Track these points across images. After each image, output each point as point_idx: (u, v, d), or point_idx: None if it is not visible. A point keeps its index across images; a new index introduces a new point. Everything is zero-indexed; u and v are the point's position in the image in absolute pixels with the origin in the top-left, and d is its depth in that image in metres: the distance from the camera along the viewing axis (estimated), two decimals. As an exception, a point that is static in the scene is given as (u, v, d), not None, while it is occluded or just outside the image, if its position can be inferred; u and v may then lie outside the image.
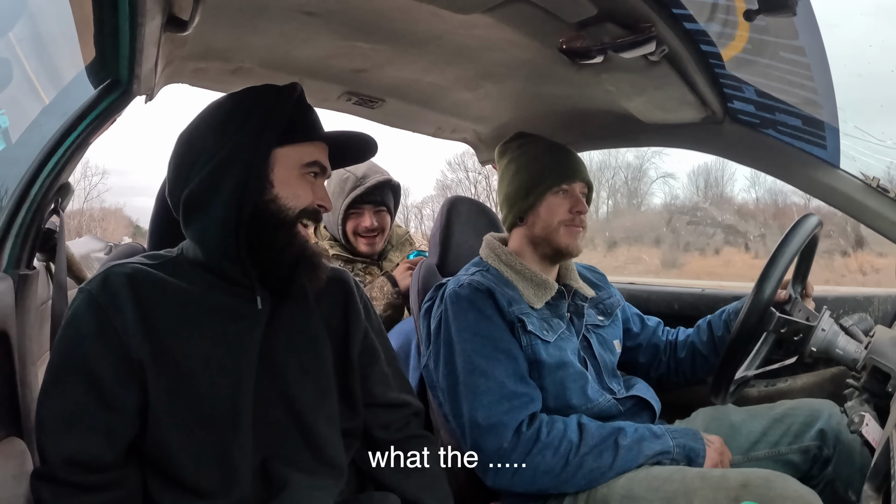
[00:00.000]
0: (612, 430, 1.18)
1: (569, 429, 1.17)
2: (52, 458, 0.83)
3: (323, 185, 1.01)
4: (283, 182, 0.95)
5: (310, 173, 0.97)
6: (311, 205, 0.97)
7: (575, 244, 1.35)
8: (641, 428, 1.19)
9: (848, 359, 1.14)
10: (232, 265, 0.94)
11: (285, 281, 0.97)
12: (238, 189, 0.91)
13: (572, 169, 1.37)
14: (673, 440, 1.17)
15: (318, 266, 0.98)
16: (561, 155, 1.40)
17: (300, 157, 0.96)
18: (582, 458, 1.14)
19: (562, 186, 1.35)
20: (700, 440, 1.18)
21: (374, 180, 1.83)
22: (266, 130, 0.93)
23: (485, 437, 1.16)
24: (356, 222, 1.85)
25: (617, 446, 1.14)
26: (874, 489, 0.86)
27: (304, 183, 0.97)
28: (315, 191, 0.98)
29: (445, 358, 1.26)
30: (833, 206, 1.39)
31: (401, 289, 1.78)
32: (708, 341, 1.43)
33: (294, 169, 0.96)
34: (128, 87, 1.11)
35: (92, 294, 0.88)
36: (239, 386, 0.90)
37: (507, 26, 1.16)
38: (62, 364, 0.87)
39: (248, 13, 1.20)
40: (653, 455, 1.15)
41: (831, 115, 1.29)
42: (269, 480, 0.91)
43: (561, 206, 1.35)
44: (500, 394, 1.18)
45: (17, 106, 1.26)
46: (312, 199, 0.97)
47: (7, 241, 1.05)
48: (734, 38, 1.18)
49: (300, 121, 0.97)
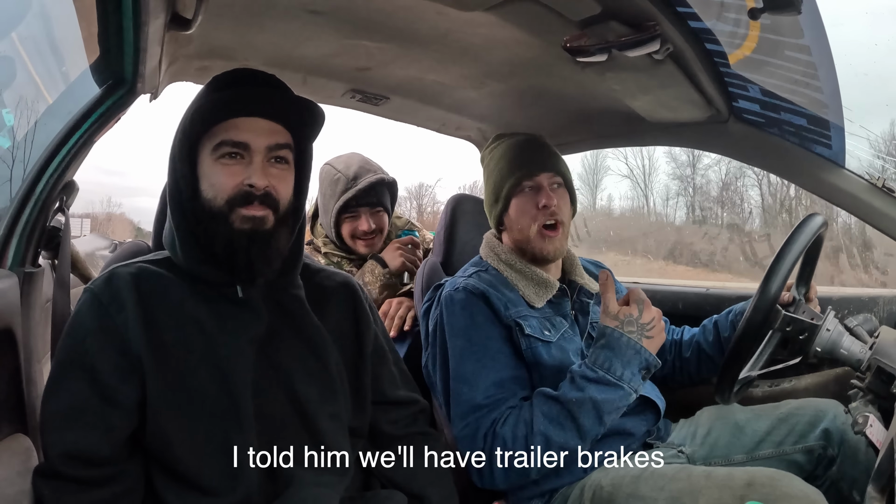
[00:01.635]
0: (552, 394, 1.13)
1: (522, 410, 1.14)
2: (54, 454, 0.84)
3: (253, 163, 0.93)
4: (203, 176, 0.94)
5: (224, 156, 0.93)
6: (235, 190, 0.92)
7: (551, 248, 1.30)
8: (575, 371, 1.14)
9: (852, 359, 1.14)
10: (200, 266, 0.95)
11: (230, 267, 0.94)
12: (173, 194, 0.94)
13: (535, 162, 1.32)
14: (620, 382, 1.11)
15: (249, 251, 0.93)
16: (523, 151, 1.35)
17: (210, 143, 0.94)
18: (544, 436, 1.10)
19: (525, 184, 1.31)
20: (626, 342, 1.13)
21: (367, 181, 1.72)
22: (181, 127, 0.94)
23: (462, 443, 1.16)
24: (353, 226, 1.76)
25: (566, 396, 1.10)
26: (878, 490, 0.86)
27: (219, 168, 0.93)
28: (234, 172, 0.93)
29: (440, 360, 1.26)
30: (838, 206, 1.38)
31: (391, 269, 1.73)
32: (714, 342, 1.42)
33: (207, 158, 0.94)
34: (132, 85, 1.12)
35: (95, 293, 0.90)
36: (236, 380, 0.91)
37: (511, 24, 1.16)
38: (64, 361, 0.88)
39: (251, 11, 1.21)
40: (614, 409, 1.11)
41: (836, 115, 1.28)
42: (275, 477, 0.91)
43: (528, 205, 1.30)
44: (473, 403, 1.17)
45: (21, 104, 1.26)
46: (234, 182, 0.92)
47: (12, 239, 1.06)
48: (746, 39, 1.17)
49: (210, 104, 0.93)
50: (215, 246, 0.93)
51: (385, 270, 1.73)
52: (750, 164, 1.54)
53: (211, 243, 0.93)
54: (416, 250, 1.78)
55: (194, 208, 0.93)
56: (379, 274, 1.73)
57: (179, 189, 0.94)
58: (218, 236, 0.92)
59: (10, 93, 1.23)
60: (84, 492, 0.84)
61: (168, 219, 0.97)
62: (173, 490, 0.89)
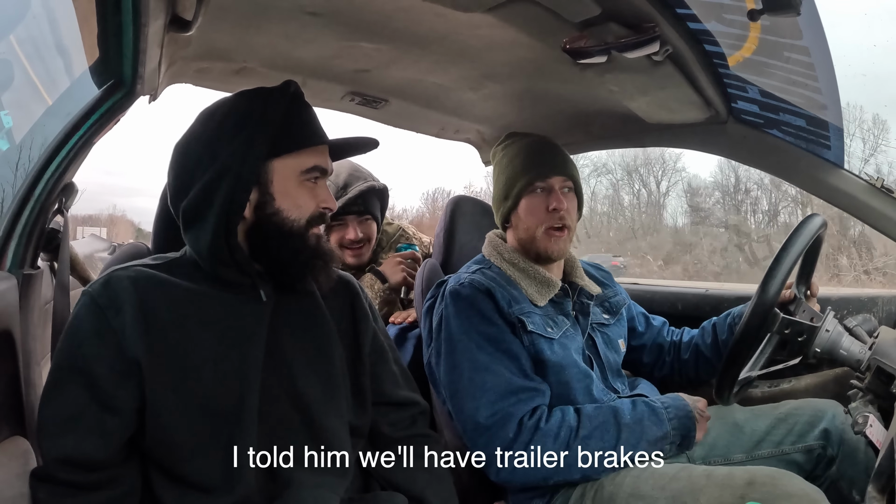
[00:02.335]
0: (610, 409, 1.17)
1: (567, 415, 1.16)
2: (50, 458, 0.84)
3: (325, 185, 1.01)
4: (283, 193, 0.96)
5: (310, 179, 0.98)
6: (315, 211, 0.98)
7: (556, 248, 1.32)
8: (640, 405, 1.19)
9: (852, 360, 1.14)
10: (227, 269, 0.95)
11: (295, 278, 0.99)
12: (227, 202, 0.92)
13: (548, 164, 1.34)
14: (669, 422, 1.17)
15: (327, 266, 1.00)
16: (537, 152, 1.37)
17: (298, 165, 0.97)
18: (583, 442, 1.13)
19: (537, 185, 1.33)
20: (692, 418, 1.18)
21: (357, 189, 1.70)
22: (255, 142, 0.93)
23: (490, 431, 1.15)
24: (340, 234, 1.72)
25: (619, 425, 1.14)
26: (878, 490, 0.86)
27: (304, 190, 0.98)
28: (317, 194, 0.99)
29: (447, 355, 1.25)
30: (837, 207, 1.38)
31: (391, 284, 1.70)
32: (712, 344, 1.43)
33: (292, 178, 0.97)
34: (131, 87, 1.12)
35: (93, 296, 0.89)
36: (245, 380, 0.91)
37: (510, 26, 1.16)
38: (62, 365, 0.88)
39: (251, 13, 1.20)
40: (654, 440, 1.15)
41: (835, 115, 1.28)
42: (275, 477, 0.91)
43: (538, 206, 1.32)
44: (506, 389, 1.17)
45: (19, 107, 1.26)
46: (315, 204, 0.98)
47: (11, 241, 1.06)
48: (745, 41, 1.17)
49: (294, 128, 0.97)
50: (295, 260, 0.97)
51: (385, 286, 1.70)
52: (749, 165, 1.54)
53: (287, 258, 0.97)
54: (417, 265, 1.71)
55: (260, 221, 0.95)
56: (379, 290, 1.69)
57: (236, 200, 0.92)
58: (299, 253, 0.97)
59: (8, 95, 1.23)
60: (80, 496, 0.84)
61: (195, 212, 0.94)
62: (172, 491, 0.88)
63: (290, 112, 0.97)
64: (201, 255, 0.95)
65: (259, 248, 0.96)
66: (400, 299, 1.76)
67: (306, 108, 1.00)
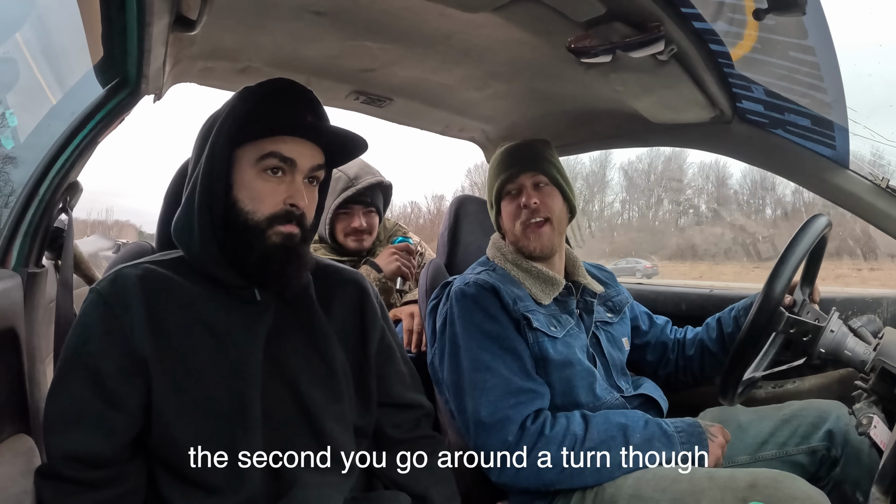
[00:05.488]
0: (618, 426, 1.16)
1: (572, 422, 1.16)
2: (56, 456, 0.85)
3: (295, 181, 0.94)
4: (240, 183, 0.93)
5: (268, 170, 0.93)
6: (279, 208, 0.93)
7: (537, 243, 1.33)
8: (651, 424, 1.17)
9: (856, 360, 1.13)
10: (221, 269, 0.94)
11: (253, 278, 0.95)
12: (204, 195, 0.91)
13: (515, 165, 1.37)
14: (682, 446, 1.15)
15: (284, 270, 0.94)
16: (508, 155, 1.40)
17: (255, 152, 0.93)
18: (587, 453, 1.12)
19: (508, 188, 1.37)
20: (704, 441, 1.17)
21: (366, 182, 1.83)
22: (224, 130, 0.92)
23: (489, 431, 1.15)
24: (346, 223, 1.85)
25: (627, 444, 1.13)
26: (882, 491, 0.85)
27: (262, 182, 0.93)
28: (282, 189, 0.93)
29: (451, 354, 1.25)
30: (842, 207, 1.38)
31: (386, 273, 1.79)
32: (717, 338, 1.43)
33: (249, 167, 0.93)
34: (136, 86, 1.12)
35: (101, 294, 0.90)
36: (247, 381, 0.91)
37: (515, 26, 1.16)
38: (68, 362, 0.88)
39: (255, 12, 1.21)
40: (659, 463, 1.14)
41: (841, 115, 1.28)
42: (279, 477, 0.91)
43: (512, 206, 1.36)
44: (506, 389, 1.17)
45: (24, 106, 1.27)
46: (280, 199, 0.93)
47: (16, 240, 1.06)
48: (750, 40, 1.17)
49: (261, 118, 0.93)
50: (248, 258, 0.93)
51: (381, 275, 1.78)
52: (753, 165, 1.53)
53: (243, 253, 0.93)
54: (411, 256, 1.84)
55: (225, 215, 0.93)
56: (374, 279, 1.77)
57: (213, 192, 0.91)
58: (252, 249, 0.92)
59: (13, 94, 1.23)
60: (85, 493, 0.84)
61: (184, 215, 0.95)
62: (178, 490, 0.89)
63: (262, 103, 0.94)
64: (194, 257, 0.95)
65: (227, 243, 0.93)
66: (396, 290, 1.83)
67: (280, 100, 0.96)
